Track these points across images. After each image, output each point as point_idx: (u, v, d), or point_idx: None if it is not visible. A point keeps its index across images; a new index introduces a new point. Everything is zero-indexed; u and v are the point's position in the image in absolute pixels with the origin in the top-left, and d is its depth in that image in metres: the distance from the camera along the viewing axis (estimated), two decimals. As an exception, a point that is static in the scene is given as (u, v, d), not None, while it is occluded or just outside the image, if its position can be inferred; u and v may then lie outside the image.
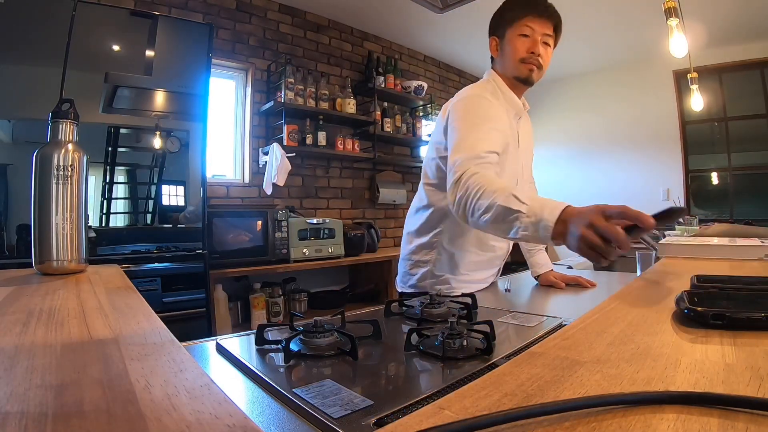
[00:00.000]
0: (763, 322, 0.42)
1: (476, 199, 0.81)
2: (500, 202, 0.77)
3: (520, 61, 1.11)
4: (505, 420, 0.26)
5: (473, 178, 0.84)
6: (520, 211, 0.74)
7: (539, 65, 1.11)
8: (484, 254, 1.21)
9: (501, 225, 0.77)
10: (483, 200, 0.80)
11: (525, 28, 1.09)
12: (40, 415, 0.24)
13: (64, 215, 0.76)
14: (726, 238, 1.25)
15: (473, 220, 0.83)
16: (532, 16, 1.09)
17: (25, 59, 1.68)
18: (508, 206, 0.75)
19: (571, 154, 4.88)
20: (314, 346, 0.61)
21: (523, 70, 1.12)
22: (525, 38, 1.10)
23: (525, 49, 1.10)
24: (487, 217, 0.79)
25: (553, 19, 1.11)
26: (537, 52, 1.09)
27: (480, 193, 0.81)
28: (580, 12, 3.29)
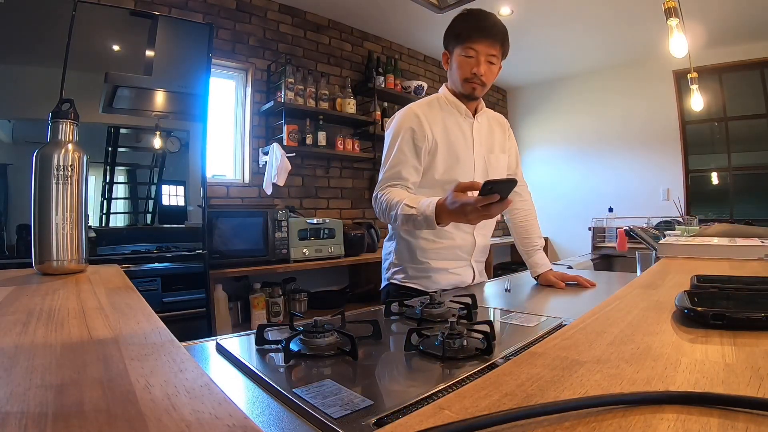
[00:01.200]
0: (763, 322, 0.42)
1: (387, 211, 1.11)
2: (400, 212, 1.06)
3: (464, 80, 1.19)
4: (505, 420, 0.26)
5: (383, 197, 1.14)
6: (413, 214, 1.02)
7: (482, 84, 1.19)
8: (441, 241, 1.25)
9: (407, 225, 1.06)
10: (391, 212, 1.09)
11: (470, 49, 1.15)
12: (40, 415, 0.24)
13: (64, 215, 0.76)
14: (726, 238, 1.25)
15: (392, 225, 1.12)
16: (476, 38, 1.14)
17: (25, 59, 1.68)
18: (404, 213, 1.04)
19: (571, 154, 4.88)
20: (314, 346, 0.61)
21: (466, 88, 1.20)
22: (469, 59, 1.16)
23: (468, 70, 1.17)
24: (398, 223, 1.08)
25: (498, 38, 1.16)
26: (480, 73, 1.16)
27: (387, 207, 1.11)
28: (580, 12, 3.30)
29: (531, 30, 3.67)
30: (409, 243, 1.27)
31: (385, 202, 1.12)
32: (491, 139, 1.32)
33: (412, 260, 1.27)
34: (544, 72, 4.76)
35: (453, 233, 1.25)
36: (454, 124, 1.25)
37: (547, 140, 5.13)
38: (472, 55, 1.16)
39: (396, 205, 1.07)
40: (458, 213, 0.92)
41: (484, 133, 1.30)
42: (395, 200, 1.09)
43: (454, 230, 1.25)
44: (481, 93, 1.23)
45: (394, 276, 1.30)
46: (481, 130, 1.29)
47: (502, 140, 1.35)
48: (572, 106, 4.88)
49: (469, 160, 1.25)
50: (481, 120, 1.30)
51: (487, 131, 1.31)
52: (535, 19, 3.48)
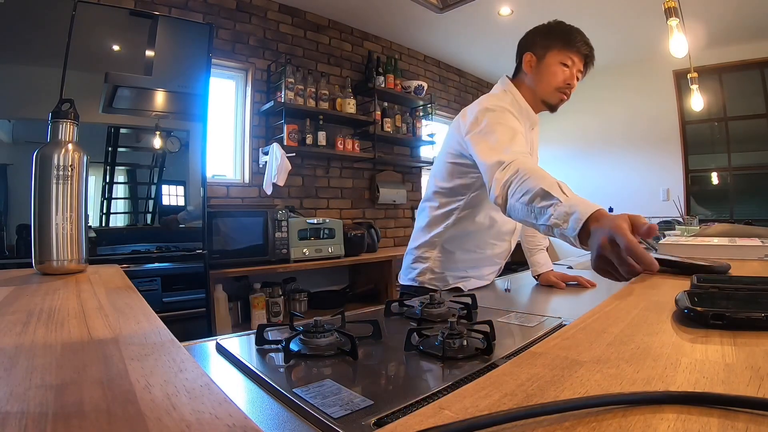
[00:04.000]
0: (763, 322, 0.42)
1: (522, 180, 0.82)
2: (544, 186, 0.77)
3: (556, 89, 1.15)
4: (505, 420, 0.26)
5: (524, 164, 0.86)
6: (558, 199, 0.74)
7: (568, 95, 1.17)
8: (483, 252, 1.25)
9: (535, 208, 0.77)
10: (528, 182, 0.80)
11: (568, 59, 1.13)
12: (40, 415, 0.24)
13: (64, 215, 0.76)
14: (726, 238, 1.25)
15: (512, 202, 0.83)
16: (577, 49, 1.14)
17: (25, 59, 1.68)
18: (549, 191, 0.75)
19: (571, 154, 4.88)
20: (314, 346, 0.61)
21: (555, 97, 1.17)
22: (565, 68, 1.14)
23: (563, 79, 1.14)
24: (525, 199, 0.79)
25: (590, 62, 1.17)
26: (573, 85, 1.15)
27: (528, 177, 0.81)
28: (580, 12, 3.29)
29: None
30: (452, 254, 1.24)
31: (522, 169, 0.84)
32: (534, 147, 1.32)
33: (453, 269, 1.25)
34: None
35: (495, 243, 1.26)
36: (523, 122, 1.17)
37: (546, 140, 5.12)
38: (569, 65, 1.14)
39: (539, 178, 0.79)
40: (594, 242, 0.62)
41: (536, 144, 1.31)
42: (540, 172, 0.82)
43: (497, 240, 1.26)
44: (563, 104, 1.21)
45: (432, 282, 1.27)
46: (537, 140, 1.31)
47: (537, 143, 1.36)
48: (572, 106, 4.82)
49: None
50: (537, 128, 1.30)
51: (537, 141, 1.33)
52: (535, 20, 3.45)
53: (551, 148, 5.06)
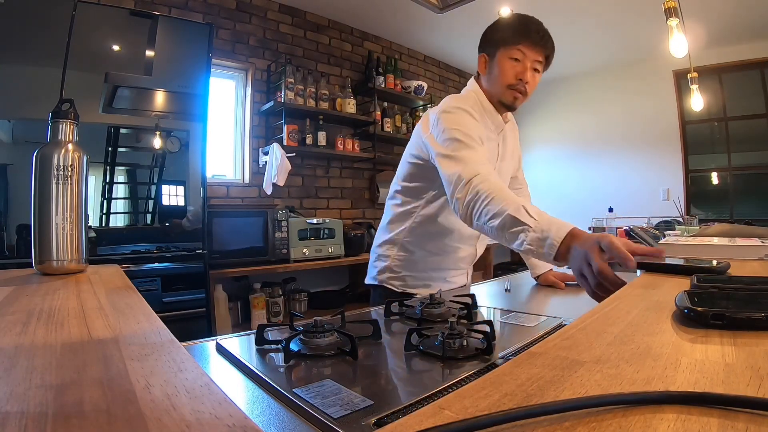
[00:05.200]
0: (763, 322, 0.42)
1: (485, 203, 0.83)
2: (510, 212, 0.79)
3: (507, 86, 1.10)
4: (505, 420, 0.26)
5: (484, 183, 0.86)
6: (527, 225, 0.77)
7: (525, 93, 1.10)
8: (446, 255, 1.22)
9: (506, 234, 0.80)
10: (492, 206, 0.82)
11: (517, 52, 1.07)
12: (40, 415, 0.24)
13: (64, 215, 0.76)
14: (726, 238, 1.25)
15: (478, 224, 0.86)
16: (525, 41, 1.06)
17: (25, 59, 1.68)
18: (517, 217, 0.78)
19: (571, 154, 4.88)
20: (314, 346, 0.61)
21: (508, 96, 1.11)
22: (515, 62, 1.08)
23: (514, 75, 1.08)
24: (494, 224, 0.81)
25: (547, 48, 1.09)
26: (525, 79, 1.07)
27: (490, 199, 0.83)
28: (580, 12, 3.30)
29: (531, 30, 3.67)
30: (412, 253, 1.22)
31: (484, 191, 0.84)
32: (511, 149, 1.28)
33: (413, 269, 1.23)
34: (544, 72, 4.76)
35: (459, 247, 1.22)
36: (487, 125, 1.16)
37: (547, 140, 5.13)
38: (519, 59, 1.07)
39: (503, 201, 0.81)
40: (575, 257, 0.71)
41: (508, 147, 1.25)
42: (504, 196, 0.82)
43: (460, 244, 1.22)
44: (521, 102, 1.13)
45: (389, 281, 1.26)
46: (506, 144, 1.24)
47: (514, 145, 1.30)
48: (572, 105, 4.88)
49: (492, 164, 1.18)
50: (506, 131, 1.24)
51: (510, 142, 1.27)
52: (535, 19, 3.48)
53: (551, 148, 5.07)
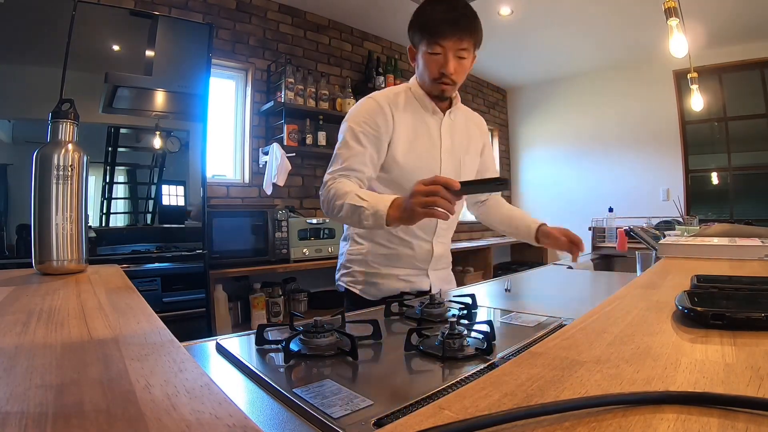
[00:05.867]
0: (763, 322, 0.42)
1: (333, 200, 1.01)
2: (348, 201, 0.97)
3: (432, 80, 1.09)
4: (505, 420, 0.26)
5: (334, 184, 1.04)
6: (362, 207, 0.94)
7: (452, 83, 1.09)
8: (395, 248, 1.17)
9: (352, 217, 0.97)
10: (338, 201, 0.99)
11: (437, 46, 1.04)
12: (40, 415, 0.24)
13: (64, 215, 0.76)
14: (726, 238, 1.25)
15: (336, 218, 1.02)
16: (443, 33, 1.02)
17: (25, 59, 1.68)
18: (353, 203, 0.96)
19: (571, 154, 4.88)
20: (314, 346, 0.61)
21: (435, 89, 1.11)
22: (436, 56, 1.05)
23: (437, 69, 1.06)
24: (342, 214, 0.99)
25: (468, 30, 1.04)
26: (449, 72, 1.06)
27: (335, 196, 1.01)
28: (580, 12, 3.30)
29: (531, 30, 3.67)
30: (363, 246, 1.19)
31: (333, 191, 1.02)
32: (467, 138, 1.23)
33: (362, 264, 1.19)
34: (544, 72, 4.76)
35: (411, 242, 1.17)
36: (420, 121, 1.15)
37: (547, 140, 5.14)
38: (439, 53, 1.04)
39: (344, 195, 0.98)
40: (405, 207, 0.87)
41: (457, 132, 1.20)
42: (344, 190, 0.99)
43: (412, 238, 1.17)
44: (452, 92, 1.13)
45: (342, 278, 1.23)
46: (454, 129, 1.19)
47: (479, 142, 1.27)
48: (572, 106, 4.88)
49: (434, 161, 1.16)
50: (455, 117, 1.20)
51: (462, 130, 1.22)
52: (535, 20, 3.48)
53: (552, 148, 5.07)
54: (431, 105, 1.15)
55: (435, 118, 1.17)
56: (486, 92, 5.10)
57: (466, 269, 3.87)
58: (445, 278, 1.28)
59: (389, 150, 1.11)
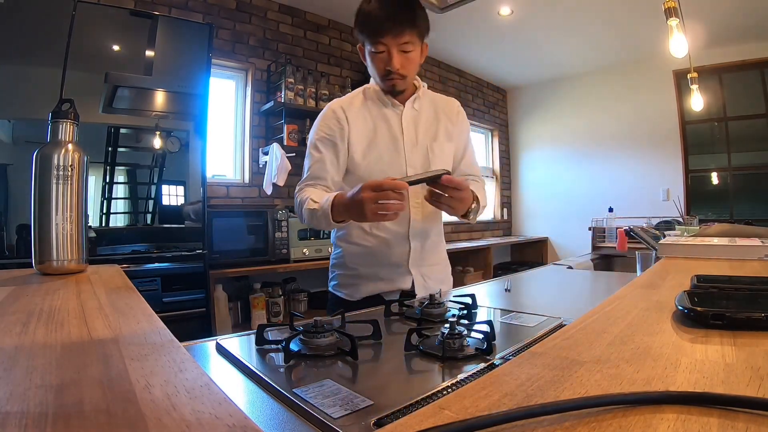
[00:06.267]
0: (763, 322, 0.42)
1: (299, 209, 1.11)
2: (306, 207, 1.06)
3: (381, 78, 1.10)
4: (505, 420, 0.26)
5: (299, 195, 1.12)
6: (315, 209, 1.03)
7: (401, 77, 1.08)
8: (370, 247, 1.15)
9: (313, 221, 1.06)
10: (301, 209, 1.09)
11: (379, 44, 1.04)
12: (40, 415, 0.24)
13: (64, 215, 0.76)
14: (726, 238, 1.25)
15: (306, 224, 1.12)
16: (381, 31, 1.02)
17: (25, 59, 1.68)
18: (309, 208, 1.05)
19: (571, 154, 4.88)
20: (314, 346, 0.61)
21: (386, 85, 1.12)
22: (381, 54, 1.06)
23: (383, 67, 1.07)
24: (307, 220, 1.08)
25: (406, 24, 1.03)
26: (394, 69, 1.06)
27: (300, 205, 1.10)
28: (580, 12, 3.30)
29: (531, 30, 3.67)
30: (341, 249, 1.20)
31: (298, 200, 1.11)
32: (434, 125, 1.19)
33: (343, 267, 1.20)
34: (544, 72, 4.76)
35: (386, 239, 1.15)
36: (379, 117, 1.15)
37: (547, 140, 5.14)
38: (382, 50, 1.04)
39: (304, 202, 1.06)
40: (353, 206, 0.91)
41: (423, 121, 1.18)
42: (304, 197, 1.07)
43: (387, 235, 1.14)
44: (404, 85, 1.12)
45: (330, 283, 1.24)
46: (419, 118, 1.17)
47: (449, 126, 1.21)
48: (572, 106, 4.88)
49: (397, 155, 1.14)
50: (420, 106, 1.18)
51: (429, 118, 1.19)
52: (535, 19, 3.48)
53: (551, 148, 5.07)
54: (389, 99, 1.15)
55: (395, 111, 1.16)
56: (486, 92, 5.10)
57: (466, 269, 3.87)
58: (435, 277, 1.22)
59: (349, 151, 1.13)
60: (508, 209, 5.37)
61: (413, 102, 1.17)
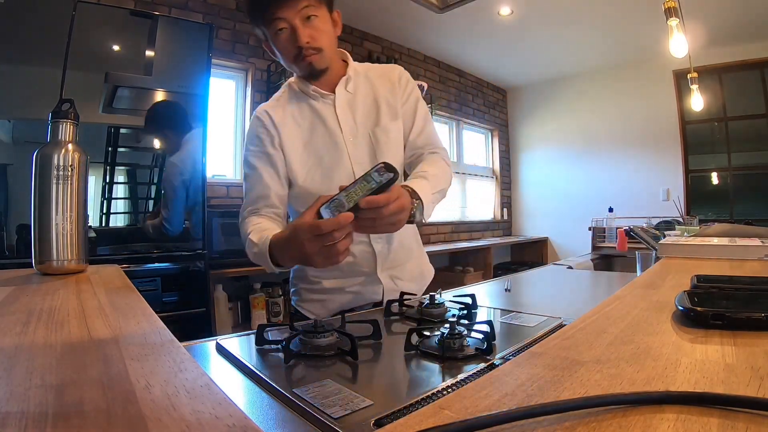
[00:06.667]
0: (763, 322, 0.42)
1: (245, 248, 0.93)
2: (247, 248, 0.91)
3: (293, 61, 0.94)
4: (505, 420, 0.26)
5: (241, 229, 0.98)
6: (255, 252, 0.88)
7: (316, 49, 0.92)
8: None
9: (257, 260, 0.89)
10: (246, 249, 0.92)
11: (277, 22, 0.89)
12: (40, 415, 0.24)
13: (64, 215, 0.76)
14: (726, 238, 1.25)
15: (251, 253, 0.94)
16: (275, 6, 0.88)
17: (25, 59, 1.68)
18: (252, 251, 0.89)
19: (571, 154, 4.88)
20: (314, 346, 0.61)
21: (302, 67, 0.94)
22: (284, 34, 0.90)
23: (291, 46, 0.91)
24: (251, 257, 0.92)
25: None
26: (303, 43, 0.89)
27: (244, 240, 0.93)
28: (580, 12, 3.30)
29: (531, 30, 3.67)
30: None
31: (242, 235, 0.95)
32: (374, 107, 1.02)
33: (304, 279, 1.06)
34: (544, 72, 4.76)
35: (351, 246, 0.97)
36: (308, 112, 1.00)
37: (547, 140, 5.14)
38: (283, 27, 0.89)
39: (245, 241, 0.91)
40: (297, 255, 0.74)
41: (360, 104, 1.02)
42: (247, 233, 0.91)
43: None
44: (323, 62, 0.94)
45: (292, 297, 1.11)
46: (355, 102, 1.02)
47: (391, 100, 1.03)
48: (572, 106, 4.88)
49: (339, 152, 0.99)
50: (354, 87, 1.03)
51: (364, 99, 1.03)
52: (535, 19, 3.48)
53: (551, 148, 5.07)
54: (316, 90, 0.99)
55: (326, 102, 1.00)
56: (486, 92, 5.10)
57: (466, 269, 3.87)
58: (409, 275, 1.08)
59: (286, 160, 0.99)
60: (508, 209, 5.37)
61: (345, 84, 1.01)
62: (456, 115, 4.62)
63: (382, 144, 1.00)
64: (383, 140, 1.01)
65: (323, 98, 1.00)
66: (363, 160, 0.99)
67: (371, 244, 1.01)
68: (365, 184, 0.70)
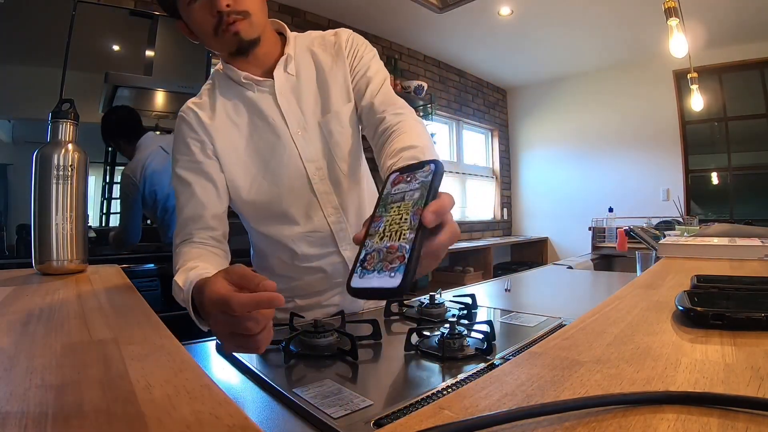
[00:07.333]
0: (763, 322, 0.42)
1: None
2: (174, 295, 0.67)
3: (214, 34, 0.74)
4: (505, 420, 0.26)
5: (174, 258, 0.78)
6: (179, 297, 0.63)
7: (241, 13, 0.73)
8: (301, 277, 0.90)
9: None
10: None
11: None
12: (40, 415, 0.24)
13: (64, 215, 0.76)
14: (726, 238, 1.25)
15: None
16: None
17: (25, 59, 1.68)
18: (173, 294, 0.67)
19: (571, 154, 4.88)
20: (314, 346, 0.61)
21: (227, 39, 0.74)
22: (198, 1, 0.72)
23: (210, 15, 0.72)
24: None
25: None
26: (223, 7, 0.70)
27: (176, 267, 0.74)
28: (580, 12, 3.29)
29: (531, 30, 3.67)
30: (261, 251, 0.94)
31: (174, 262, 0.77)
32: (323, 88, 0.84)
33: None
34: (544, 72, 4.76)
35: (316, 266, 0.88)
36: (245, 106, 0.82)
37: (547, 140, 5.13)
38: None
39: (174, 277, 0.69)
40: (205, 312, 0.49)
41: (305, 85, 0.83)
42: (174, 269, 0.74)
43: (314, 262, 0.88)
44: (252, 29, 0.75)
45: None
46: (300, 85, 0.83)
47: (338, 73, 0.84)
48: (572, 106, 4.88)
49: (284, 148, 0.81)
50: (296, 67, 0.83)
51: (308, 80, 0.84)
52: (535, 19, 3.48)
53: (551, 148, 5.07)
54: (248, 76, 0.80)
55: (262, 90, 0.82)
56: (486, 92, 5.10)
57: (466, 269, 3.87)
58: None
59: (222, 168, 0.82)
60: (508, 209, 5.37)
61: (284, 66, 0.82)
62: (456, 115, 4.62)
63: (335, 135, 0.83)
64: (337, 130, 0.83)
65: (259, 86, 0.81)
66: (317, 157, 0.83)
67: (340, 253, 0.88)
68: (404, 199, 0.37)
